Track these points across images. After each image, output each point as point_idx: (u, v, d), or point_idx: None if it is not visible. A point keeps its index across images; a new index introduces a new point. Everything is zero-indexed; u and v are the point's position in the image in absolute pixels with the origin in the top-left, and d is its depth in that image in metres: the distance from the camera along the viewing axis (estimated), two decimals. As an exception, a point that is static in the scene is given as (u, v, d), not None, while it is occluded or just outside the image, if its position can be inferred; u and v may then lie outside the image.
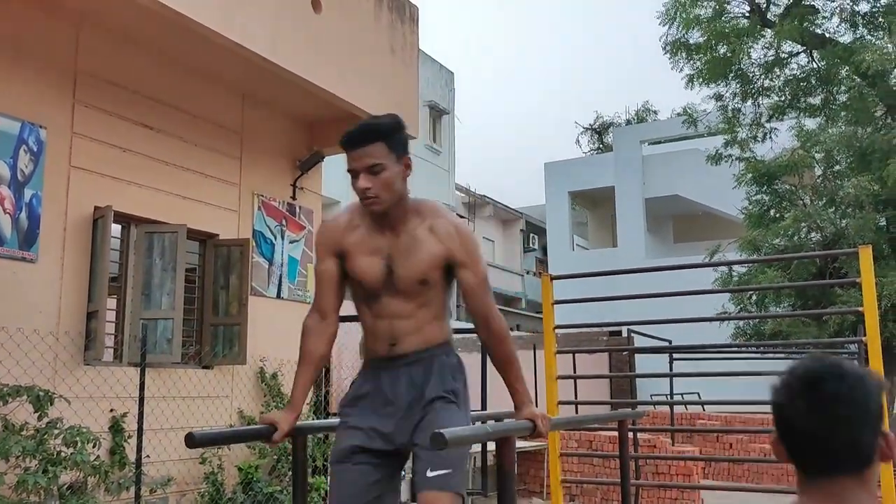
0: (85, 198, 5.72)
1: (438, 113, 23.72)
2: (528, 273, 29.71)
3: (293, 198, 7.71)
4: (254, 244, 7.13)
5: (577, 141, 35.74)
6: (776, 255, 10.69)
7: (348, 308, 2.62)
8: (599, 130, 31.06)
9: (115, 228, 5.93)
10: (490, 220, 30.26)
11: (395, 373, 2.44)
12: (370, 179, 2.34)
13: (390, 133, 2.39)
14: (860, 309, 4.59)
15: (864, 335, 4.57)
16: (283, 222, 7.60)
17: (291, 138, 7.75)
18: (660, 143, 22.59)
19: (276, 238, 7.45)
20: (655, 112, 29.99)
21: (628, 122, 29.15)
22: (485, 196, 29.23)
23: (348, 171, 2.40)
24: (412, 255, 2.40)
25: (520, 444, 9.41)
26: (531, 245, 30.97)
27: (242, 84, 6.97)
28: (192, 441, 2.23)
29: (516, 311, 26.49)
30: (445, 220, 2.46)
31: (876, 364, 4.36)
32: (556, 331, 5.90)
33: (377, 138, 2.36)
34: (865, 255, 4.45)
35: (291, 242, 7.66)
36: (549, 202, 23.18)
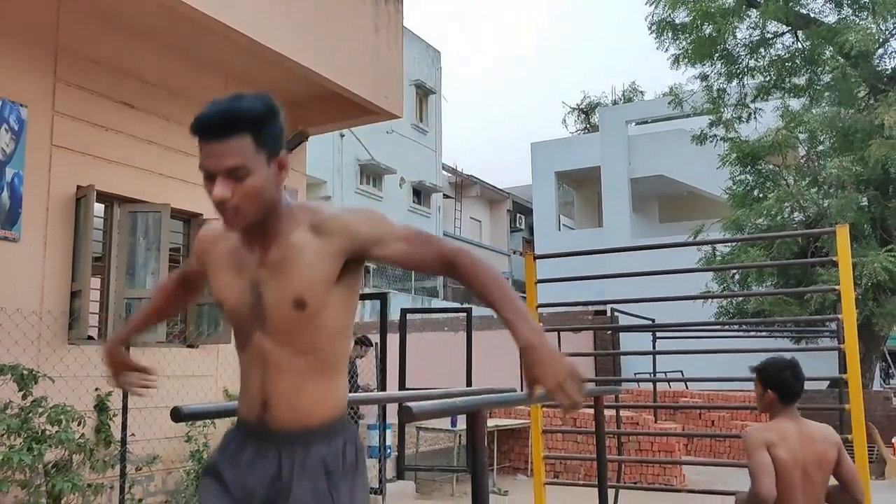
0: (67, 177, 5.69)
1: (425, 92, 23.64)
2: (514, 253, 29.83)
3: (278, 177, 7.70)
4: (238, 223, 7.12)
5: (564, 121, 35.75)
6: (758, 235, 10.80)
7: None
8: (586, 110, 31.08)
9: (99, 208, 5.90)
10: (477, 200, 30.33)
11: (261, 451, 1.83)
12: (229, 186, 1.71)
13: (261, 123, 1.78)
14: (837, 287, 4.65)
15: (842, 313, 4.65)
16: (268, 202, 7.57)
17: (276, 117, 7.71)
18: (646, 123, 22.63)
19: (260, 217, 7.43)
20: (642, 92, 30.05)
21: (615, 103, 29.17)
22: (472, 176, 29.25)
23: (200, 168, 1.74)
24: (285, 270, 1.78)
25: (505, 421, 9.50)
26: (518, 225, 31.09)
27: (225, 62, 6.92)
28: (178, 415, 2.27)
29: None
30: (330, 212, 1.84)
31: (851, 340, 4.43)
32: (542, 310, 5.95)
33: (243, 129, 1.75)
34: (842, 234, 4.50)
35: (276, 222, 7.63)
36: (535, 182, 23.22)
